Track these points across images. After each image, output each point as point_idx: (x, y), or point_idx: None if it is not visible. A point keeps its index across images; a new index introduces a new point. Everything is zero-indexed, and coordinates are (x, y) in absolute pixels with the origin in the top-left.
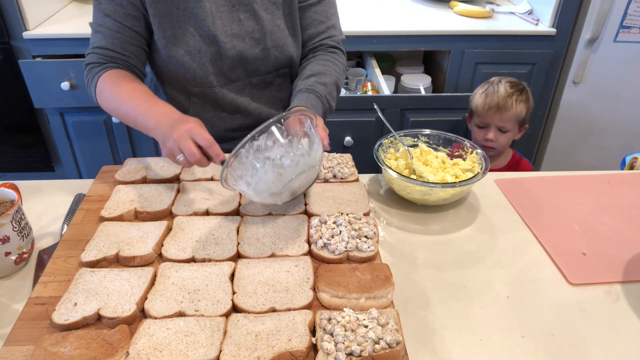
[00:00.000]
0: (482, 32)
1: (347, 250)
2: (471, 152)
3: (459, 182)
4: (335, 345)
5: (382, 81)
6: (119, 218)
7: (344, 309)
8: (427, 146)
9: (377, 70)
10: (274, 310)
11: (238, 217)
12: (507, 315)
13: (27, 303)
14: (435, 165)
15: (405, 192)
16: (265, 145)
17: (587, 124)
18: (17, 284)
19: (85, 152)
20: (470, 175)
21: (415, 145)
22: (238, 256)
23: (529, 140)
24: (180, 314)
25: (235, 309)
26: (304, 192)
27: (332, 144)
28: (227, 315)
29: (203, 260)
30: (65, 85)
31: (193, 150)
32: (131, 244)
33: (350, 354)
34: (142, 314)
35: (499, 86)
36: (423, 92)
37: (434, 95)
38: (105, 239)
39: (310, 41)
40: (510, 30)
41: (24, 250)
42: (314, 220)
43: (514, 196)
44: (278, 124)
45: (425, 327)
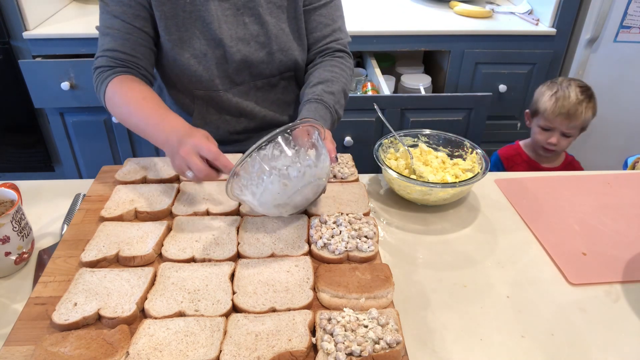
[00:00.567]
0: (482, 32)
1: (347, 250)
2: (471, 152)
3: (459, 182)
4: (335, 345)
5: (382, 81)
6: (119, 218)
7: (344, 309)
8: (427, 146)
9: (377, 70)
10: (274, 310)
11: (238, 217)
12: (507, 315)
13: (27, 303)
14: (435, 165)
15: (405, 192)
16: (272, 154)
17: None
18: (17, 284)
19: (85, 152)
20: (470, 175)
21: (415, 145)
22: (238, 256)
23: None
24: (180, 314)
25: (235, 309)
26: (309, 205)
27: None
28: (227, 315)
29: (203, 260)
30: (65, 85)
31: (200, 166)
32: (131, 244)
33: (350, 354)
34: (142, 314)
35: (569, 91)
36: (423, 92)
37: (434, 95)
38: (105, 239)
39: (316, 44)
40: (510, 30)
41: (24, 250)
42: (314, 220)
43: (514, 196)
44: (285, 134)
45: (425, 327)
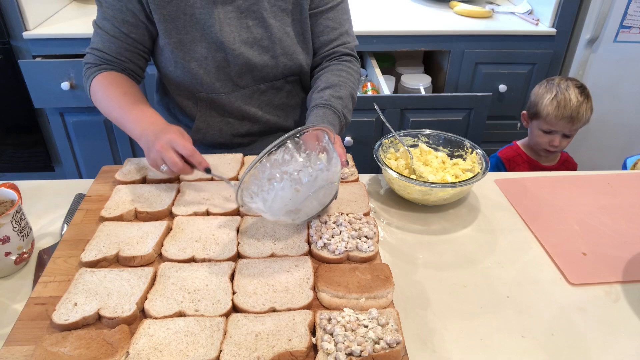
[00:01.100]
0: (482, 32)
1: (347, 250)
2: (471, 152)
3: (459, 182)
4: (335, 345)
5: (382, 81)
6: (119, 218)
7: (344, 309)
8: (427, 146)
9: (377, 70)
10: (274, 310)
11: (238, 217)
12: (507, 315)
13: (27, 303)
14: (435, 165)
15: (405, 192)
16: (282, 159)
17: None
18: (17, 284)
19: (85, 152)
20: (470, 175)
21: (415, 145)
22: (238, 256)
23: None
24: (180, 314)
25: (235, 309)
26: (320, 213)
27: None
28: (227, 315)
29: (203, 260)
30: (65, 85)
31: (175, 160)
32: (131, 244)
33: (350, 354)
34: (142, 314)
35: (569, 93)
36: (423, 92)
37: (434, 95)
38: (105, 239)
39: (323, 48)
40: (510, 30)
41: (24, 250)
42: (314, 221)
43: (514, 196)
44: (295, 138)
45: (425, 327)
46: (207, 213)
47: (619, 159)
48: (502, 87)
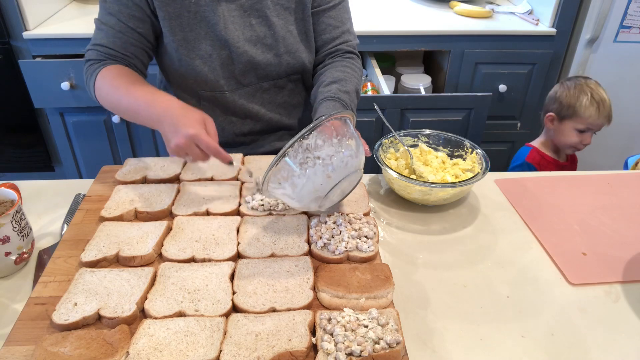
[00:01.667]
0: (482, 32)
1: (347, 250)
2: (471, 152)
3: (459, 182)
4: (335, 345)
5: (382, 81)
6: (119, 218)
7: (344, 309)
8: (427, 146)
9: (377, 70)
10: (274, 310)
11: (238, 217)
12: (507, 315)
13: (27, 303)
14: (435, 165)
15: (405, 192)
16: (315, 144)
17: None
18: (17, 284)
19: (85, 152)
20: (470, 175)
21: (415, 145)
22: (238, 256)
23: (529, 141)
24: (180, 314)
25: (235, 309)
26: (344, 198)
27: None
28: (227, 315)
29: (203, 260)
30: (65, 85)
31: (201, 156)
32: (131, 244)
33: (350, 354)
34: (142, 314)
35: (601, 92)
36: (423, 92)
37: (434, 95)
38: (105, 239)
39: (326, 46)
40: (510, 30)
41: (24, 250)
42: (314, 220)
43: (514, 196)
44: (326, 124)
45: (425, 327)
46: (207, 213)
47: (620, 158)
48: (502, 87)
